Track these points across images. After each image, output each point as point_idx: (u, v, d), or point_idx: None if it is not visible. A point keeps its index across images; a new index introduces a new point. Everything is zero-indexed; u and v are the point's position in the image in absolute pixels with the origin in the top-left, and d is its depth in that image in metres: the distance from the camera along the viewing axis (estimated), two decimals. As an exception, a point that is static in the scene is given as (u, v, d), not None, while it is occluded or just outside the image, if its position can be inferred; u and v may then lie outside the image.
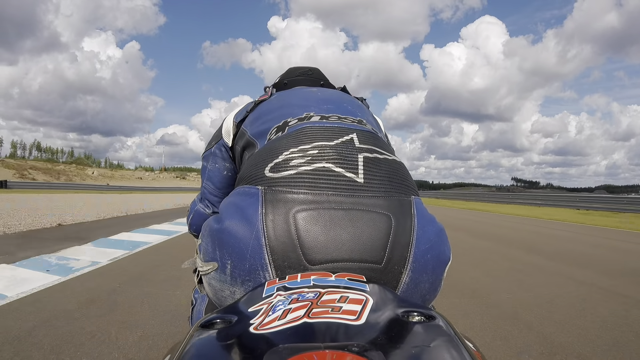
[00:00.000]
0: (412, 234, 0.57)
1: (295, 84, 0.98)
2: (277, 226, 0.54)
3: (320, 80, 1.01)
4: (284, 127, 0.70)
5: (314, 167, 0.59)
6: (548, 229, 9.07)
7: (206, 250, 0.60)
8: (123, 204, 14.17)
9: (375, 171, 0.61)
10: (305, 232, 0.53)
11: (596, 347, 2.06)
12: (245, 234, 0.55)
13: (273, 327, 0.36)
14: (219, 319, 0.40)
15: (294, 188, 0.57)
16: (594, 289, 3.31)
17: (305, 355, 0.31)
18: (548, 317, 2.56)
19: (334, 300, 0.41)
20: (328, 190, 0.57)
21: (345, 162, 0.60)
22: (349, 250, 0.53)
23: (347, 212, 0.55)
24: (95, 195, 24.33)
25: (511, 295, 3.11)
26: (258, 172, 0.62)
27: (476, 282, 3.54)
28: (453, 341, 0.36)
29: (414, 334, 0.37)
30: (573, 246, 6.17)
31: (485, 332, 2.28)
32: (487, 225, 9.96)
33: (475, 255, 4.98)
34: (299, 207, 0.55)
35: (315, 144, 0.63)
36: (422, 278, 0.57)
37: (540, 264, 4.50)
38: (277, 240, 0.54)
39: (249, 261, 0.54)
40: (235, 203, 0.61)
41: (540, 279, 3.73)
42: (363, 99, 0.97)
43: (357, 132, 0.67)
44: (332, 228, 0.54)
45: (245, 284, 0.55)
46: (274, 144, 0.67)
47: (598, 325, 2.41)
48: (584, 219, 12.40)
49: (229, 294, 0.57)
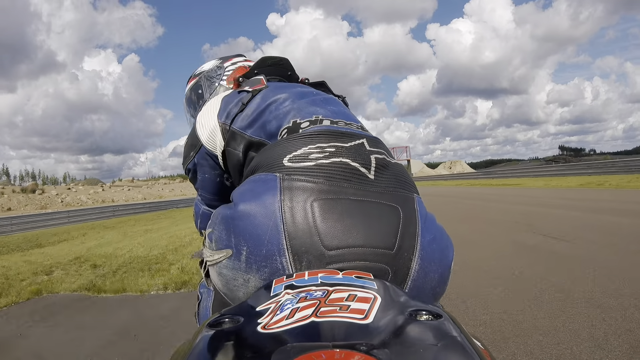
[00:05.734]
0: (417, 225, 0.60)
1: (267, 74, 0.96)
2: (295, 213, 0.56)
3: (288, 71, 1.00)
4: (297, 129, 0.70)
5: (332, 161, 0.62)
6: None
7: (219, 237, 0.60)
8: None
9: (384, 171, 0.65)
10: (321, 220, 0.56)
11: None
12: (263, 220, 0.56)
13: (281, 326, 0.36)
14: (227, 318, 0.40)
15: (312, 177, 0.60)
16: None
17: (314, 354, 0.31)
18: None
19: (342, 299, 0.42)
20: (343, 182, 0.60)
21: (361, 159, 0.64)
22: (363, 237, 0.56)
23: (360, 203, 0.59)
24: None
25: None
26: (276, 161, 0.64)
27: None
28: (460, 340, 0.36)
29: (421, 333, 0.37)
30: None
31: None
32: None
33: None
34: (316, 196, 0.58)
35: (332, 143, 0.65)
36: (430, 267, 0.59)
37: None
38: (295, 227, 0.55)
39: (266, 246, 0.55)
40: (251, 189, 0.62)
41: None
42: (344, 98, 0.97)
43: (366, 137, 0.69)
44: (348, 216, 0.57)
45: (261, 270, 0.55)
46: (290, 141, 0.67)
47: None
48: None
49: (242, 282, 0.57)
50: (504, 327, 2.27)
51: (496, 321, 2.36)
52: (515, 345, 2.03)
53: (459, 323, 0.40)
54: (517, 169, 36.10)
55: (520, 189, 14.69)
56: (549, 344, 2.01)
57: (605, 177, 15.38)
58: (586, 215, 6.05)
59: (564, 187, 13.19)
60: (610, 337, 2.00)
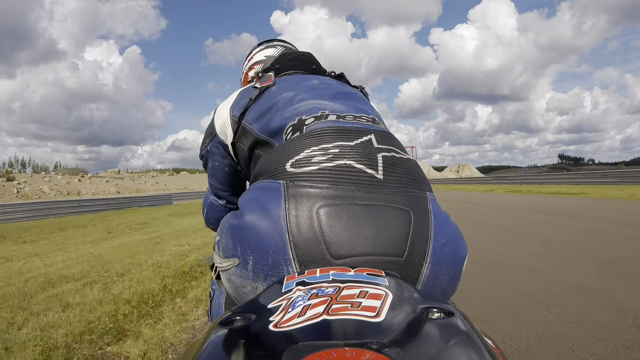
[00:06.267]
0: (430, 228, 0.58)
1: (288, 68, 0.96)
2: (301, 221, 0.55)
3: (312, 65, 0.98)
4: (301, 127, 0.69)
5: (336, 164, 0.60)
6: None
7: (226, 246, 0.61)
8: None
9: (393, 169, 0.62)
10: (328, 228, 0.54)
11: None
12: (268, 230, 0.55)
13: (293, 324, 0.37)
14: (238, 316, 0.41)
15: (316, 183, 0.58)
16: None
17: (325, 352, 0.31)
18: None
19: (354, 296, 0.41)
20: (350, 185, 0.58)
21: (366, 160, 0.61)
22: (371, 245, 0.54)
23: (368, 207, 0.57)
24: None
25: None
26: (279, 167, 0.62)
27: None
28: (472, 338, 0.35)
29: (433, 331, 0.36)
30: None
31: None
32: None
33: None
34: (322, 203, 0.56)
35: (336, 143, 0.63)
36: (441, 271, 0.58)
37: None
38: (301, 236, 0.54)
39: (272, 257, 0.54)
40: (255, 198, 0.61)
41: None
42: (362, 88, 0.95)
43: (374, 132, 0.67)
44: (355, 223, 0.55)
45: (268, 279, 0.55)
46: (293, 143, 0.66)
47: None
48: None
49: (251, 290, 0.58)
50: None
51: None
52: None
53: (470, 321, 0.40)
54: (522, 175, 34.13)
55: (600, 200, 10.48)
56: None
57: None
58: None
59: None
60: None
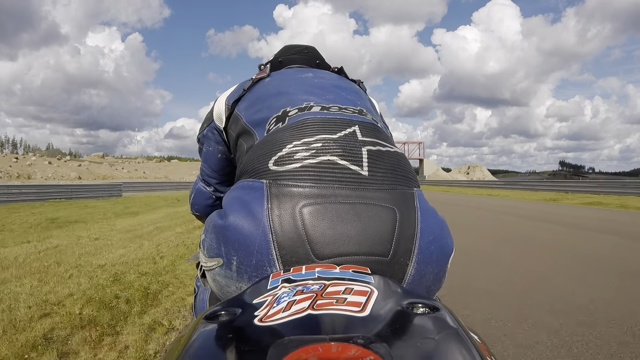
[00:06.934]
0: (417, 226, 0.58)
1: (291, 62, 0.96)
2: (284, 221, 0.54)
3: (316, 59, 0.99)
4: (284, 118, 0.69)
5: (319, 160, 0.59)
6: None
7: (210, 246, 0.60)
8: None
9: (379, 164, 0.61)
10: (312, 227, 0.53)
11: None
12: (252, 230, 0.54)
13: (277, 319, 0.36)
14: (223, 310, 0.40)
15: (299, 181, 0.57)
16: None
17: (310, 347, 0.31)
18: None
19: (339, 292, 0.41)
20: (333, 183, 0.57)
21: (350, 155, 0.60)
22: (356, 244, 0.54)
23: (353, 206, 0.56)
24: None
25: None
26: (261, 166, 0.61)
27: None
28: (458, 333, 0.36)
29: (418, 325, 0.37)
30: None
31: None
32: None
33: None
34: (305, 202, 0.55)
35: (318, 136, 0.62)
36: (427, 269, 0.58)
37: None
38: (285, 236, 0.53)
39: (256, 257, 0.53)
40: (239, 197, 0.60)
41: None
42: (360, 82, 0.96)
43: (359, 124, 0.66)
44: (339, 222, 0.54)
45: (252, 279, 0.54)
46: (275, 136, 0.66)
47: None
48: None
49: (235, 290, 0.57)
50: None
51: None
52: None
53: (456, 316, 0.40)
54: (535, 180, 31.84)
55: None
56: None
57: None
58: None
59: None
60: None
